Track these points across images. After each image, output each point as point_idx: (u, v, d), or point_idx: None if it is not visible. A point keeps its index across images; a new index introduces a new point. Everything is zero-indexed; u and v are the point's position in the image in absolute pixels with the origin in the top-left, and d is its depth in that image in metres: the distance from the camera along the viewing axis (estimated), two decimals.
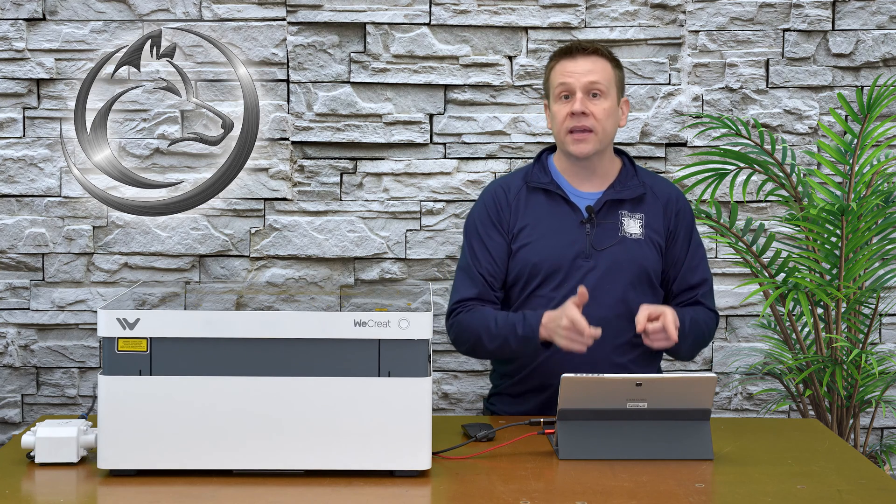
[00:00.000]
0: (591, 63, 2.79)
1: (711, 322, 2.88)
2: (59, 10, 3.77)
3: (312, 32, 3.80)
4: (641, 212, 2.84)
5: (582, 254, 2.79)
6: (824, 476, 2.25)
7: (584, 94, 2.77)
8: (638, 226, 2.83)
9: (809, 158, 3.82)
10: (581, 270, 2.78)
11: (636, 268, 2.80)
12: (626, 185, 2.85)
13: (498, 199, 2.87)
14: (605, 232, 2.81)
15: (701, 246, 2.92)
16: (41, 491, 2.14)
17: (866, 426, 3.83)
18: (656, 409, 2.34)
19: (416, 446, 2.17)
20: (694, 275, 2.88)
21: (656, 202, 2.86)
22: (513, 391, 2.90)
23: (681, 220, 2.88)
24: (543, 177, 2.86)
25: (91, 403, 3.69)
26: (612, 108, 2.81)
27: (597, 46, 2.83)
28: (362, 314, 2.17)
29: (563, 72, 2.79)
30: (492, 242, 2.84)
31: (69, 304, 3.84)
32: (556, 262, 2.79)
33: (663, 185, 2.92)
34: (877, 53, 3.82)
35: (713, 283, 2.93)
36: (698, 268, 2.89)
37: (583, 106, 2.76)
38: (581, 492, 2.12)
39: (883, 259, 3.43)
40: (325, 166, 3.84)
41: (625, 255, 2.80)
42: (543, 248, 2.80)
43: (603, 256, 2.79)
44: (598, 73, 2.78)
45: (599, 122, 2.77)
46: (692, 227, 2.91)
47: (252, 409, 2.16)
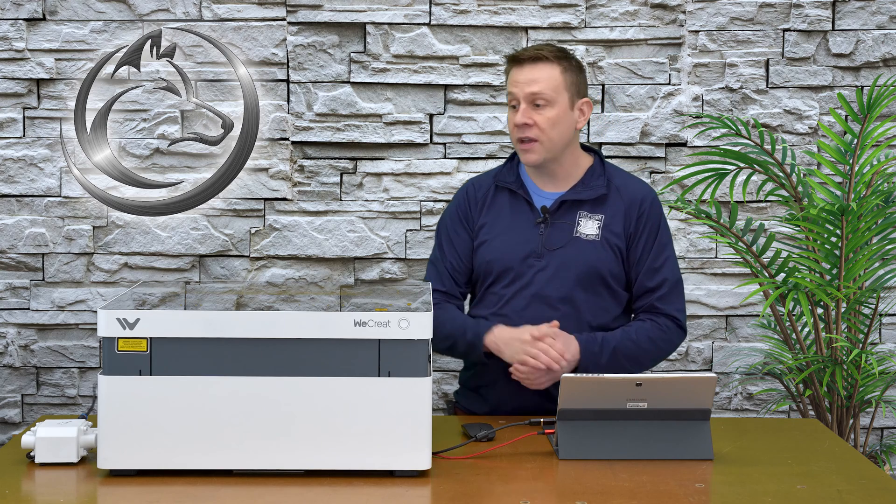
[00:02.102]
0: (535, 72, 2.77)
1: (664, 335, 2.80)
2: (59, 10, 3.77)
3: (312, 32, 3.80)
4: (602, 213, 2.82)
5: (534, 253, 2.81)
6: (824, 476, 2.25)
7: (528, 104, 2.76)
8: (595, 227, 2.81)
9: (809, 158, 3.82)
10: (532, 270, 2.80)
11: (586, 269, 2.78)
12: (589, 185, 2.84)
13: (468, 197, 2.92)
14: (559, 232, 2.81)
15: (668, 247, 2.85)
16: (41, 491, 2.14)
17: (866, 426, 3.83)
18: (656, 409, 2.34)
19: (416, 446, 2.17)
20: (653, 278, 2.82)
21: (620, 203, 2.83)
22: (471, 384, 2.94)
23: (644, 221, 2.83)
24: (510, 176, 2.89)
25: (91, 403, 3.69)
26: (559, 115, 2.77)
27: (542, 52, 2.78)
28: (362, 314, 2.17)
29: (511, 80, 2.80)
30: (458, 239, 2.89)
31: (69, 304, 3.84)
32: (507, 260, 2.82)
33: (632, 186, 2.87)
34: (877, 53, 3.82)
35: (680, 283, 2.85)
36: (660, 270, 2.82)
37: (525, 117, 2.76)
38: (581, 492, 2.12)
39: (883, 259, 3.43)
40: (325, 166, 3.84)
41: (575, 257, 2.79)
42: (498, 246, 2.84)
43: (554, 257, 2.80)
44: (541, 83, 2.76)
45: (544, 132, 2.76)
46: (658, 228, 2.85)
47: (252, 409, 2.16)
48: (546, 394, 2.76)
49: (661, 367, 3.90)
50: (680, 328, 2.83)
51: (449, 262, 2.89)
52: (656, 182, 3.85)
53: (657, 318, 2.81)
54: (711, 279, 3.90)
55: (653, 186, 3.83)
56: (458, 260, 2.88)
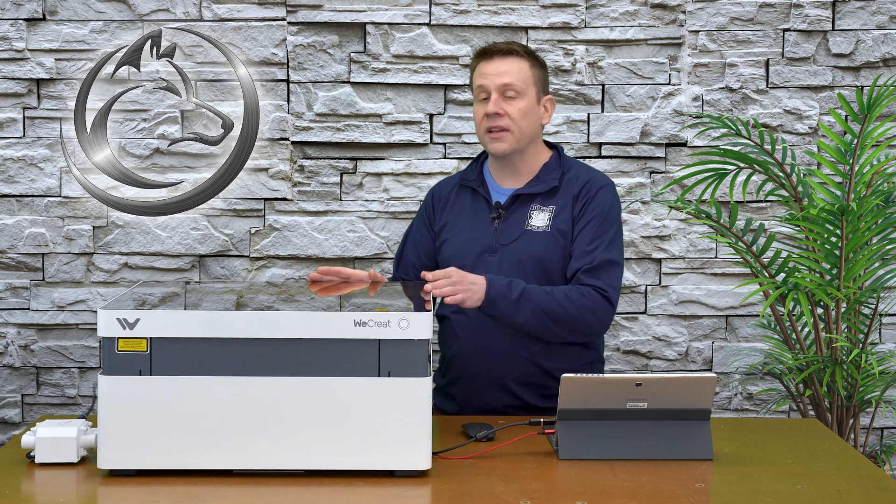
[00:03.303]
0: (506, 64, 2.84)
1: (584, 300, 2.72)
2: (59, 10, 3.77)
3: (312, 32, 3.80)
4: (553, 204, 2.85)
5: (488, 249, 2.85)
6: (824, 476, 2.25)
7: (499, 94, 2.82)
8: (546, 218, 2.84)
9: (809, 158, 3.82)
10: (487, 265, 2.82)
11: (537, 260, 2.80)
12: (543, 179, 2.88)
13: (433, 198, 3.02)
14: (511, 227, 2.85)
15: (607, 233, 2.80)
16: (41, 491, 2.14)
17: (866, 426, 3.83)
18: (656, 409, 2.34)
19: (416, 446, 2.17)
20: (583, 257, 2.77)
21: (570, 192, 2.85)
22: (439, 382, 2.98)
23: (588, 205, 2.81)
24: (471, 175, 2.96)
25: (91, 403, 3.69)
26: (529, 107, 2.84)
27: (513, 47, 2.86)
28: (362, 314, 2.17)
29: (481, 73, 2.86)
30: (419, 237, 3.01)
31: (69, 304, 3.84)
32: (464, 257, 2.86)
33: (584, 175, 2.87)
34: (877, 53, 3.82)
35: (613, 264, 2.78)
36: (592, 252, 2.77)
37: (496, 106, 2.81)
38: (581, 492, 2.12)
39: (883, 259, 3.43)
40: (325, 166, 3.84)
41: (525, 249, 2.82)
42: (456, 243, 2.90)
43: (507, 251, 2.83)
44: (512, 75, 2.83)
45: (515, 122, 2.82)
46: (602, 211, 2.81)
47: (252, 409, 2.16)
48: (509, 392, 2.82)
49: (661, 367, 3.90)
50: (606, 300, 2.75)
51: (409, 258, 3.01)
52: (656, 182, 3.85)
53: (580, 287, 2.75)
54: (711, 279, 3.90)
55: (653, 186, 3.84)
56: (417, 257, 3.00)
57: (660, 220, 3.84)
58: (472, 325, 2.83)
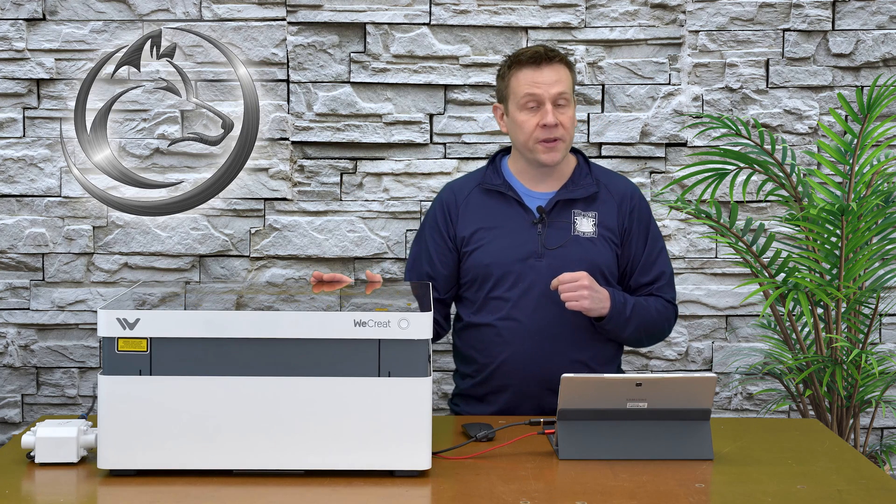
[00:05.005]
0: (556, 73, 2.84)
1: (666, 311, 2.91)
2: (59, 10, 3.77)
3: (312, 32, 3.80)
4: (595, 210, 2.88)
5: (534, 254, 2.84)
6: (824, 476, 2.25)
7: (553, 104, 2.82)
8: (591, 224, 2.87)
9: (809, 158, 3.82)
10: (534, 270, 2.82)
11: (589, 265, 2.81)
12: (579, 184, 2.90)
13: (448, 205, 2.95)
14: (557, 231, 2.86)
15: (659, 239, 2.96)
16: (41, 491, 2.14)
17: (866, 426, 3.83)
18: (656, 409, 2.34)
19: (416, 446, 2.17)
20: (650, 271, 2.92)
21: (611, 200, 2.91)
22: (475, 393, 2.94)
23: (636, 216, 2.92)
24: (496, 179, 2.92)
25: (91, 403, 3.69)
26: (574, 115, 2.88)
27: (559, 53, 2.87)
28: (362, 314, 2.17)
29: (531, 82, 2.83)
30: (435, 246, 2.94)
31: (69, 304, 3.84)
32: (507, 263, 2.84)
33: (618, 183, 2.96)
34: (877, 53, 3.82)
35: (672, 275, 2.97)
36: (655, 263, 2.93)
37: (556, 118, 2.82)
38: (581, 492, 2.12)
39: (883, 259, 3.43)
40: (325, 166, 3.84)
41: (577, 254, 2.83)
42: (495, 250, 2.86)
43: (555, 255, 2.83)
44: (563, 84, 2.84)
45: (567, 131, 2.85)
46: (649, 222, 2.95)
47: (252, 409, 2.16)
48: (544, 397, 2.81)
49: (661, 367, 3.90)
50: (675, 310, 2.96)
51: (425, 269, 2.94)
52: (656, 182, 3.85)
53: (658, 298, 2.91)
54: (711, 279, 3.90)
55: (653, 186, 3.85)
56: (433, 267, 2.94)
57: (660, 220, 3.84)
58: (524, 331, 2.82)
